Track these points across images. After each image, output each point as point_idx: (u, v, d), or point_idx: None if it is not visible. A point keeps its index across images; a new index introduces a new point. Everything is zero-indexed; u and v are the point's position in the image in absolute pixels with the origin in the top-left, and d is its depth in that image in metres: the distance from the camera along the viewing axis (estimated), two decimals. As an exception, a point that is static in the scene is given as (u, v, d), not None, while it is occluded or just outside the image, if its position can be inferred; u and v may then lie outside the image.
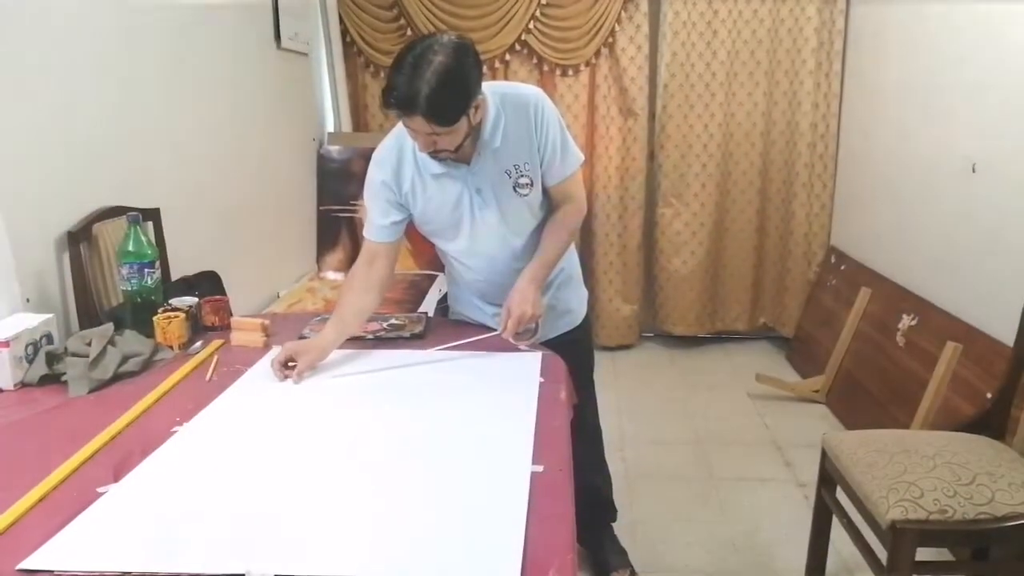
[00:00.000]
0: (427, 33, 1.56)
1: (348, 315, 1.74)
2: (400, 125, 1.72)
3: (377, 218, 1.78)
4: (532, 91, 1.74)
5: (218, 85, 2.61)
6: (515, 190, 1.74)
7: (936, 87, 2.86)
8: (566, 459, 1.26)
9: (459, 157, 1.66)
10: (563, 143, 1.75)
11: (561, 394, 1.51)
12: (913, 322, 2.90)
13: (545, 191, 1.81)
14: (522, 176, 1.73)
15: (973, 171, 2.58)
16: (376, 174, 1.76)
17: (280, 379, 1.57)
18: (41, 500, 1.10)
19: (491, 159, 1.69)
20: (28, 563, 0.95)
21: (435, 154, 1.61)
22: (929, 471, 1.72)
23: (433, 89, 1.45)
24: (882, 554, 1.72)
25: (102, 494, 1.12)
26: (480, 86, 1.57)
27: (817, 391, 3.40)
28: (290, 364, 1.60)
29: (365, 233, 1.82)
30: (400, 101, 1.47)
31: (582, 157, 1.83)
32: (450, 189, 1.73)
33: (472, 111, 1.56)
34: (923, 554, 1.70)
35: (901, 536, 1.64)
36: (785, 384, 3.49)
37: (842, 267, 3.67)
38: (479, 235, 1.78)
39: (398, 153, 1.73)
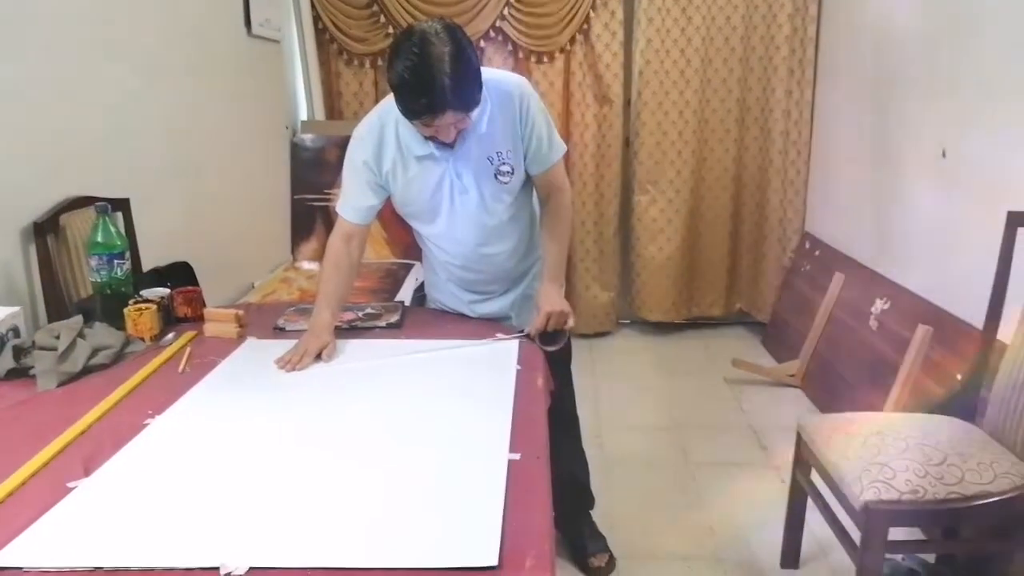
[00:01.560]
0: (406, 27, 1.54)
1: (337, 295, 1.75)
2: (384, 104, 1.72)
3: (355, 199, 1.78)
4: (517, 80, 1.75)
5: (188, 72, 2.57)
6: (496, 177, 1.74)
7: (907, 73, 2.89)
8: (543, 446, 1.26)
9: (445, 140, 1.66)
10: (548, 133, 1.77)
11: (538, 381, 1.52)
12: (886, 306, 2.93)
13: (528, 180, 1.82)
14: (504, 163, 1.74)
15: (943, 156, 2.61)
16: (357, 153, 1.75)
17: (290, 370, 1.56)
18: (10, 495, 1.08)
19: (475, 144, 1.70)
20: (-3, 560, 0.93)
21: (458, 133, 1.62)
22: (901, 452, 1.74)
23: (454, 82, 1.46)
24: (856, 534, 1.75)
25: (72, 489, 1.10)
26: (479, 61, 1.57)
27: (792, 375, 3.43)
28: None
29: (340, 210, 1.81)
30: (428, 107, 1.48)
31: (564, 147, 1.84)
32: (432, 171, 1.73)
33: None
34: (895, 533, 1.73)
35: (874, 517, 1.66)
36: (761, 369, 3.52)
37: (816, 252, 3.71)
38: (457, 219, 1.79)
39: (380, 132, 1.72)
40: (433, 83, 1.45)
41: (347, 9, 3.68)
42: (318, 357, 1.61)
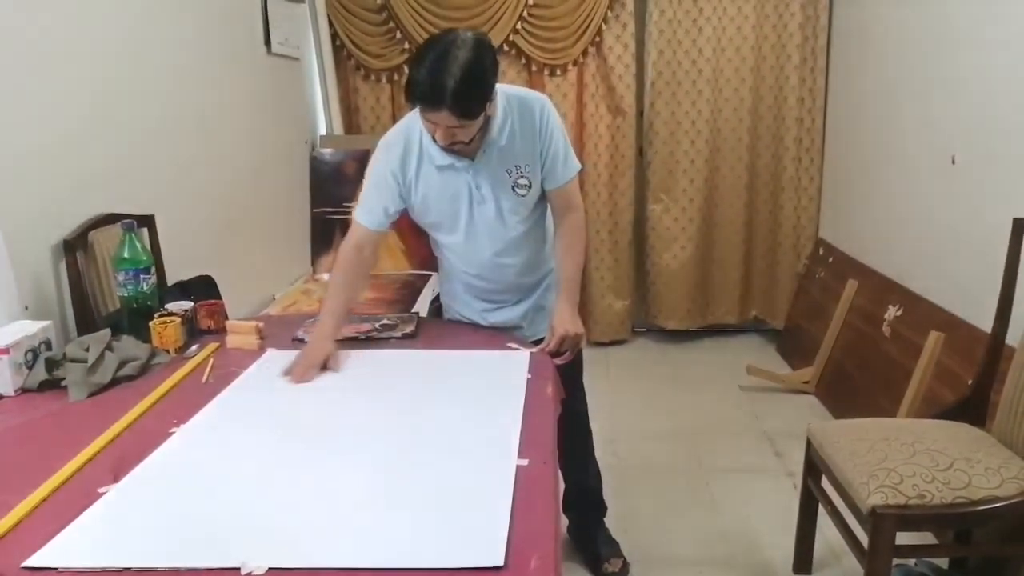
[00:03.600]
0: (445, 30, 1.63)
1: (342, 304, 1.81)
2: (411, 115, 1.79)
3: (376, 205, 1.83)
4: (539, 97, 1.82)
5: (210, 91, 2.65)
6: (514, 189, 1.80)
7: (918, 81, 2.91)
8: (551, 453, 1.30)
9: (465, 151, 1.72)
10: (565, 150, 1.83)
11: (547, 390, 1.55)
12: (899, 312, 2.94)
13: (544, 196, 1.88)
14: (522, 176, 1.80)
15: (953, 163, 2.63)
16: (383, 161, 1.81)
17: (298, 382, 1.60)
18: (44, 501, 1.14)
19: (495, 156, 1.76)
20: (32, 561, 0.99)
21: (451, 146, 1.67)
22: (909, 458, 1.77)
23: (458, 84, 1.52)
24: (864, 539, 1.77)
25: (102, 494, 1.15)
26: (496, 80, 1.64)
27: (807, 382, 3.44)
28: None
29: (358, 217, 1.86)
30: (426, 95, 1.55)
31: (579, 166, 1.90)
32: (452, 181, 1.79)
33: (489, 105, 1.63)
34: (906, 538, 1.75)
35: (881, 521, 1.69)
36: (775, 376, 3.54)
37: (830, 259, 3.72)
38: (475, 229, 1.85)
39: (405, 142, 1.79)
40: (438, 78, 1.52)
41: (364, 26, 3.75)
42: (324, 368, 1.65)
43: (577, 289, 1.91)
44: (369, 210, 1.84)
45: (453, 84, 1.51)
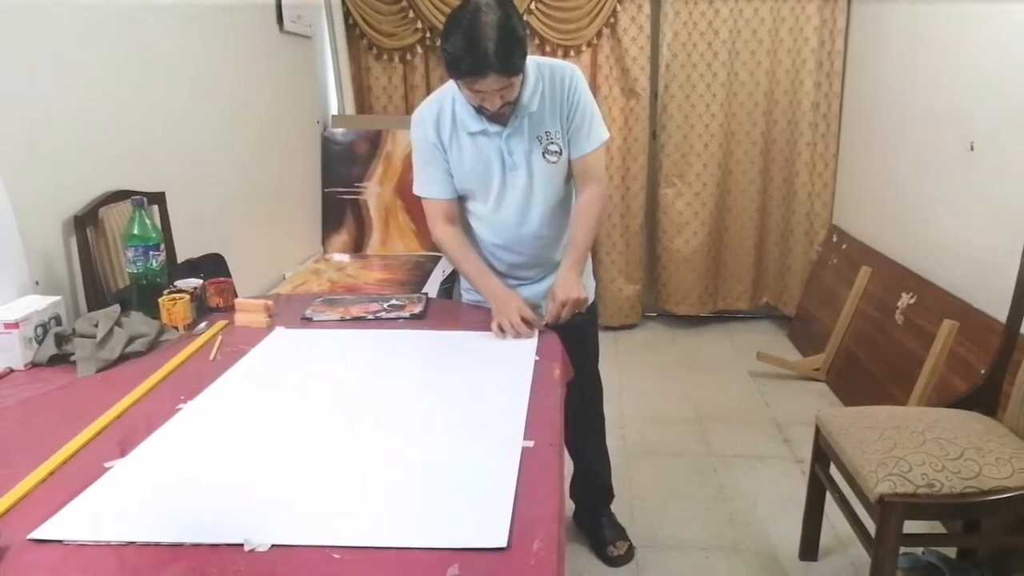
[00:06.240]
0: (463, 1, 1.65)
1: (484, 263, 1.92)
2: (443, 87, 1.83)
3: (438, 176, 1.87)
4: (569, 65, 1.84)
5: (222, 69, 2.64)
6: (544, 156, 1.82)
7: (937, 66, 2.86)
8: (557, 435, 1.29)
9: (498, 118, 1.74)
10: (591, 116, 1.84)
11: (555, 372, 1.55)
12: (912, 300, 2.91)
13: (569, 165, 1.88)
14: (552, 143, 1.82)
15: (971, 150, 2.59)
16: (421, 134, 1.84)
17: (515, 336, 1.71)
18: (51, 474, 1.15)
19: (526, 122, 1.78)
20: (38, 533, 0.99)
21: (500, 109, 1.70)
22: (919, 446, 1.75)
23: (497, 44, 1.57)
24: (872, 527, 1.76)
25: (109, 469, 1.16)
26: (525, 30, 1.68)
27: (817, 369, 3.43)
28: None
29: (428, 194, 1.89)
30: (471, 66, 1.59)
31: (607, 135, 1.89)
32: (484, 147, 1.81)
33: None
34: (914, 527, 1.74)
35: (889, 509, 1.68)
36: (786, 362, 3.52)
37: (843, 246, 3.68)
38: (507, 196, 1.86)
39: (437, 110, 1.82)
40: (477, 46, 1.56)
41: (377, 5, 3.73)
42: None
43: (584, 256, 1.90)
44: (433, 183, 1.88)
45: (493, 47, 1.56)
